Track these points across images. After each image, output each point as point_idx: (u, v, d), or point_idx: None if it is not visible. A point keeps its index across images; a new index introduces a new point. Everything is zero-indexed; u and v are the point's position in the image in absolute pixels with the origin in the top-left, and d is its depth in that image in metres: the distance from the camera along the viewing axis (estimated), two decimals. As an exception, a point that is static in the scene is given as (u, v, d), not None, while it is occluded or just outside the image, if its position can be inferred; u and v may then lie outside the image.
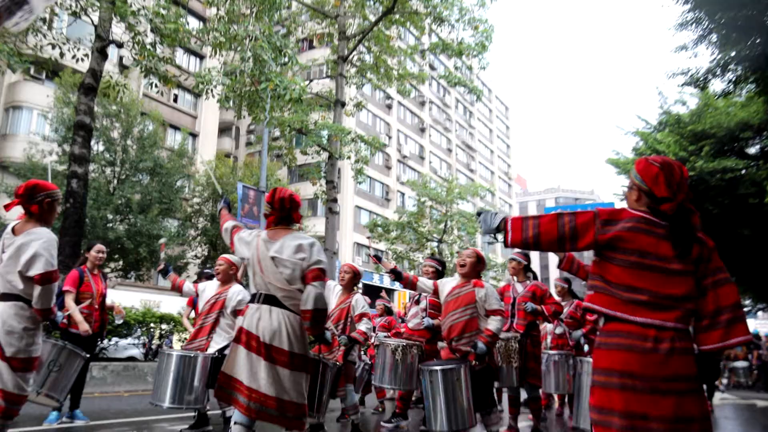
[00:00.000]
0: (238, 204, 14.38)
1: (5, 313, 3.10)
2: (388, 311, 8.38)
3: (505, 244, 2.38)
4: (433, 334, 5.62)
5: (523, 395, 5.57)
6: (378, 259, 6.57)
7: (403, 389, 5.68)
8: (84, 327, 5.28)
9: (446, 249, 26.33)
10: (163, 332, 11.16)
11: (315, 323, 2.80)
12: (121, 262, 21.46)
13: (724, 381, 17.10)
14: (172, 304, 34.67)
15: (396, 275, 4.82)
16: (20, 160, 23.47)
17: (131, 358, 11.38)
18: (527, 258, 5.76)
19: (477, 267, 4.47)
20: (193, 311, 7.11)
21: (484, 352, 4.01)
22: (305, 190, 22.38)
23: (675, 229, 2.08)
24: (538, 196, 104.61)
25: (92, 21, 10.89)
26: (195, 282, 7.04)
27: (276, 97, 10.44)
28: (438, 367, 3.86)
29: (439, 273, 6.07)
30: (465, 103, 59.72)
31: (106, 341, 10.48)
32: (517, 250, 6.11)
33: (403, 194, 47.28)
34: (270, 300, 2.80)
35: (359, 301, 4.96)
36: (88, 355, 3.87)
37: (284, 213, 3.04)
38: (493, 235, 2.46)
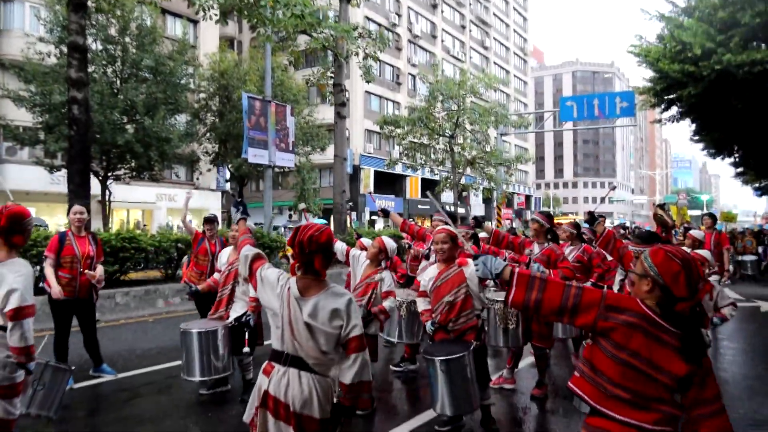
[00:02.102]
0: (244, 116, 14.01)
1: None
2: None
3: (505, 302, 2.30)
4: None
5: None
6: (386, 213, 6.52)
7: (409, 342, 5.85)
8: (55, 291, 5.38)
9: (459, 138, 25.85)
10: (181, 250, 11.36)
11: (355, 395, 2.56)
12: (133, 163, 21.45)
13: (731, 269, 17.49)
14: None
15: None
16: (18, 58, 22.82)
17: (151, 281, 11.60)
18: (549, 221, 5.63)
19: (454, 248, 4.34)
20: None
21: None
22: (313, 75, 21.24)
23: (689, 340, 2.00)
24: (554, 70, 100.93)
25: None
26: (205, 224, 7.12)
27: (276, 10, 9.79)
28: (441, 358, 3.89)
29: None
30: (480, -26, 55.83)
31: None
32: (539, 211, 6.00)
33: (414, 77, 45.78)
34: (298, 363, 2.53)
35: (386, 279, 4.93)
36: (72, 368, 3.81)
37: (305, 258, 2.57)
38: (492, 279, 2.39)
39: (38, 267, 9.28)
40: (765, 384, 5.90)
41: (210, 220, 7.11)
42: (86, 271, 5.62)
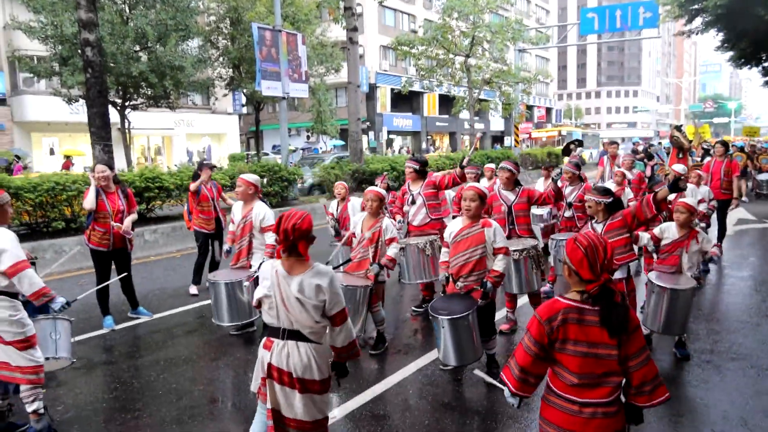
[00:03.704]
0: (255, 48, 13.88)
1: None
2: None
3: (511, 393, 2.55)
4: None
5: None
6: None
7: (429, 280, 6.20)
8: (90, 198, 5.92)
9: (474, 62, 25.24)
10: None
11: (347, 354, 3.02)
12: (149, 92, 21.56)
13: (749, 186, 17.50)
14: (204, 123, 35.44)
15: None
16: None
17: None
18: (518, 169, 5.95)
19: (481, 207, 4.63)
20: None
21: (492, 290, 4.45)
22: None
23: (606, 314, 2.33)
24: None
25: None
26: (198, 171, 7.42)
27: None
28: (446, 317, 4.23)
29: (419, 172, 6.39)
30: None
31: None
32: (508, 159, 6.29)
33: (430, -14, 43.94)
34: (295, 336, 2.88)
35: (389, 227, 5.23)
36: (72, 319, 4.31)
37: (290, 243, 2.85)
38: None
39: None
40: (754, 316, 6.17)
41: (209, 167, 7.49)
42: (114, 224, 6.01)
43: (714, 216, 9.40)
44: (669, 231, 5.15)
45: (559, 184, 6.97)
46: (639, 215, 4.48)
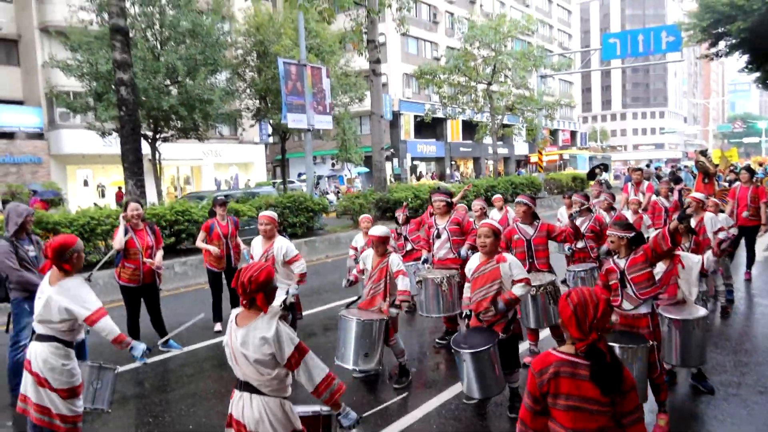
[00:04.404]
0: (281, 82, 14.28)
1: (44, 352, 3.63)
2: (411, 217, 8.11)
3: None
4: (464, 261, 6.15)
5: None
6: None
7: (449, 314, 6.28)
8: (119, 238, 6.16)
9: (496, 89, 25.48)
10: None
11: (328, 395, 2.86)
12: (179, 124, 22.20)
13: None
14: (232, 153, 36.18)
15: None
16: (62, 24, 23.57)
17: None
18: (534, 203, 5.98)
19: (496, 243, 4.72)
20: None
21: (503, 310, 4.48)
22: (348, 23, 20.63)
23: (596, 371, 2.31)
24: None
25: None
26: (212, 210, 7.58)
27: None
28: (467, 351, 4.31)
29: (450, 204, 6.57)
30: None
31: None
32: (524, 194, 6.39)
33: (451, 14, 44.53)
34: (248, 387, 2.81)
35: (395, 260, 5.36)
36: (118, 368, 4.30)
37: (248, 296, 2.77)
38: None
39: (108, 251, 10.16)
40: (786, 348, 6.10)
41: (221, 203, 7.54)
42: (146, 259, 6.26)
43: (743, 242, 9.29)
44: (657, 266, 5.10)
45: None
46: (656, 248, 4.40)
